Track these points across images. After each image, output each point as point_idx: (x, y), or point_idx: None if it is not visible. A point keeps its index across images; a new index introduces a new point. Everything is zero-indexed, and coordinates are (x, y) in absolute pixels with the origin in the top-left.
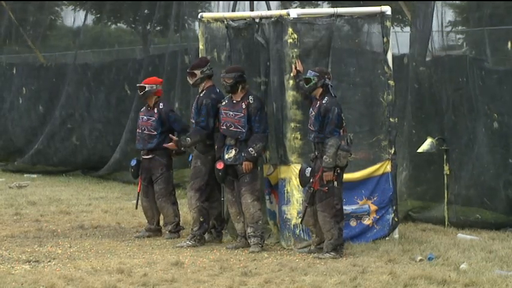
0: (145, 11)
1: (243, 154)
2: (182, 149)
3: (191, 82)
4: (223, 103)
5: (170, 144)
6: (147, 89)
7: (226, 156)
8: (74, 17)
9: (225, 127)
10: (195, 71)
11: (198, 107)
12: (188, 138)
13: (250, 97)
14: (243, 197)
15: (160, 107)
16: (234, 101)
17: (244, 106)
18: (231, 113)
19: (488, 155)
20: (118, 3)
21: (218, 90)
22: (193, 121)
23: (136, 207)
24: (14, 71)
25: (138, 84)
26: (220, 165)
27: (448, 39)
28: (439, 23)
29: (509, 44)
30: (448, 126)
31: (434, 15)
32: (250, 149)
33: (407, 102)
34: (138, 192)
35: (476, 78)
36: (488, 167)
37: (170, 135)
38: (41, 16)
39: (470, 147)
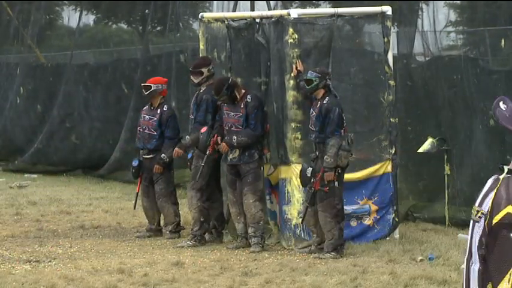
0: (146, 11)
1: (246, 154)
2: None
3: (196, 81)
4: (226, 104)
5: (175, 151)
6: (153, 89)
7: (230, 156)
8: (73, 17)
9: (227, 128)
10: (202, 69)
11: (198, 102)
12: (188, 137)
13: (249, 96)
14: (245, 197)
15: (165, 109)
16: (235, 101)
17: (242, 106)
18: (232, 113)
19: (486, 152)
20: (118, 3)
21: None
22: (192, 117)
23: (135, 208)
24: (18, 71)
25: (143, 84)
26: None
27: (448, 38)
28: (430, 22)
29: (502, 42)
30: (446, 124)
31: (426, 14)
32: (234, 137)
33: (397, 100)
34: (137, 193)
35: (470, 76)
36: (488, 164)
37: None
38: (42, 16)
39: (467, 144)
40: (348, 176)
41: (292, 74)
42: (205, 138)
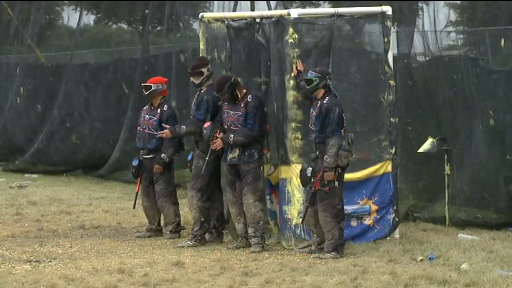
0: (146, 11)
1: (246, 153)
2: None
3: (198, 82)
4: (226, 102)
5: (165, 131)
6: (153, 89)
7: (229, 156)
8: (73, 17)
9: (226, 126)
10: (202, 69)
11: (198, 102)
12: (183, 127)
13: (249, 96)
14: (245, 197)
15: (165, 109)
16: (236, 101)
17: (243, 105)
18: (232, 112)
19: (486, 152)
20: (118, 3)
21: None
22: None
23: (134, 207)
24: (18, 71)
25: (143, 84)
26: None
27: (448, 38)
28: (431, 22)
29: (502, 42)
30: (446, 124)
31: (426, 14)
32: (231, 135)
33: (397, 100)
34: (137, 192)
35: (471, 76)
36: (488, 164)
37: (163, 124)
38: (42, 16)
39: (467, 144)
40: (348, 176)
41: (292, 74)
42: (208, 133)
